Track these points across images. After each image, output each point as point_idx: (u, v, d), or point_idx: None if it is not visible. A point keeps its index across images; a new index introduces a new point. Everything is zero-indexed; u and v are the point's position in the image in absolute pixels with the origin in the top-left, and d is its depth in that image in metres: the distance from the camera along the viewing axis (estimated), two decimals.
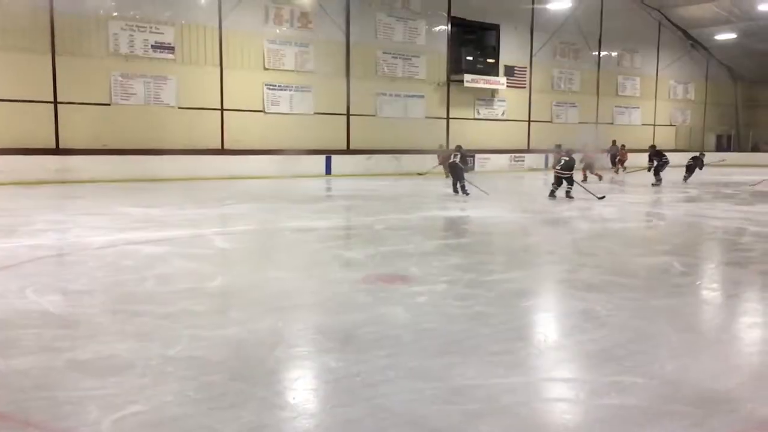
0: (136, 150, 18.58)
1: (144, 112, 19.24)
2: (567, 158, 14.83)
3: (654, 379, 3.93)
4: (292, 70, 21.86)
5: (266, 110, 21.59)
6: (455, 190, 15.54)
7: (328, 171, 22.07)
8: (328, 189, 17.14)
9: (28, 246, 8.08)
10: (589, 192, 15.07)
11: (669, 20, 32.43)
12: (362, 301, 5.75)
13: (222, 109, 20.73)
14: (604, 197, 14.61)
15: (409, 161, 23.50)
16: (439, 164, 20.28)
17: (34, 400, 3.48)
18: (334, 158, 22.32)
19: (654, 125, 33.79)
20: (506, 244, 9.68)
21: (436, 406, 3.53)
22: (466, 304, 5.69)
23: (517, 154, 27.56)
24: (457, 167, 15.49)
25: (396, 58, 24.22)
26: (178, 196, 14.53)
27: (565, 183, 14.73)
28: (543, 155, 27.13)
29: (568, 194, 14.78)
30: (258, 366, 4.10)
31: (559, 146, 19.72)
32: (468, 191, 15.40)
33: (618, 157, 25.01)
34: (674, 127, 34.93)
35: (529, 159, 27.68)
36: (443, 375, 3.97)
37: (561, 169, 14.81)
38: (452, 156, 15.85)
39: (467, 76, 25.48)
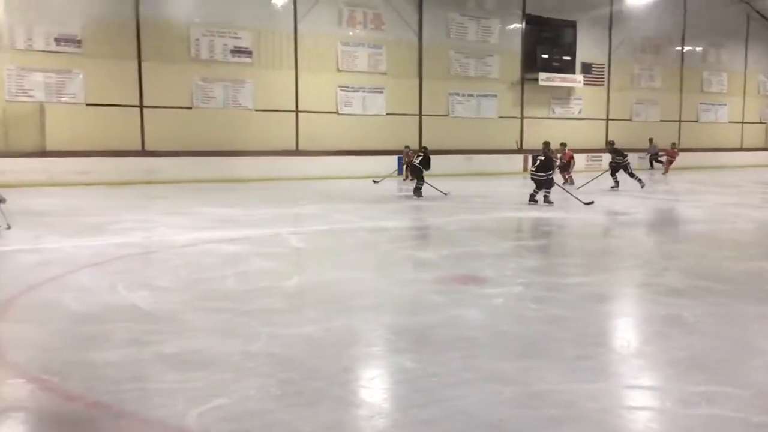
0: (215, 152, 19.21)
1: (223, 115, 19.88)
2: (542, 158, 13.23)
3: (747, 389, 3.73)
4: (365, 72, 22.06)
5: (339, 111, 21.87)
6: (418, 193, 14.84)
7: (400, 171, 22.12)
8: (400, 189, 17.16)
9: (117, 244, 8.49)
10: (574, 196, 13.75)
11: (758, 12, 30.74)
12: (436, 302, 5.73)
13: (297, 111, 21.15)
14: (592, 202, 13.24)
15: (481, 161, 23.29)
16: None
17: (126, 391, 3.65)
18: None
19: (742, 123, 32.12)
20: (584, 247, 9.42)
21: (514, 410, 3.48)
22: (543, 307, 5.58)
23: (594, 154, 26.80)
24: (416, 169, 15.03)
25: (469, 57, 24.03)
26: (255, 197, 14.92)
27: (543, 186, 13.18)
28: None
29: (546, 199, 13.10)
30: (334, 364, 4.16)
31: (547, 144, 18.65)
32: (421, 194, 14.78)
33: (660, 155, 23.48)
34: (764, 124, 33.10)
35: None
36: (521, 378, 3.90)
37: (536, 170, 13.28)
38: (415, 157, 15.40)
39: (542, 75, 24.98)
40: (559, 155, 14.20)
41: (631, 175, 17.23)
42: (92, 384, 3.72)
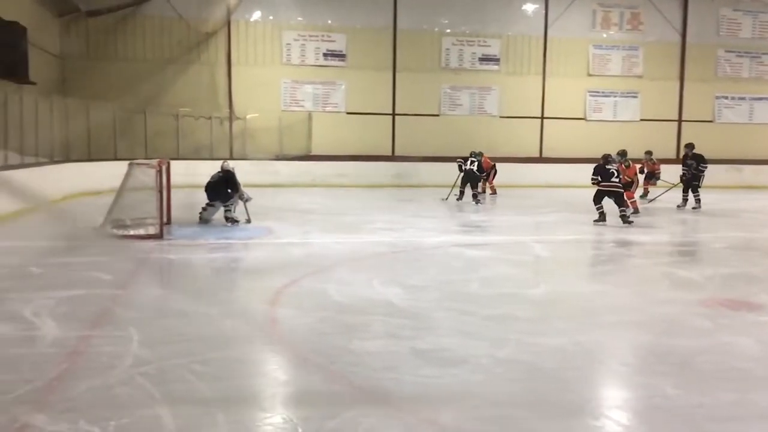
0: (459, 158, 19.65)
1: (468, 122, 20.32)
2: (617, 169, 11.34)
3: None
4: (618, 75, 20.94)
5: (587, 118, 21.05)
6: (461, 197, 14.66)
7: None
8: (652, 201, 15.92)
9: (371, 242, 9.13)
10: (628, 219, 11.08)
11: None
12: (700, 326, 5.21)
13: (542, 118, 20.82)
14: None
15: (754, 173, 20.67)
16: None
17: (384, 379, 3.90)
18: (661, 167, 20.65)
19: None
20: None
21: None
22: None
23: None
24: (474, 174, 14.53)
25: (741, 56, 21.49)
26: (497, 203, 14.98)
27: (614, 202, 11.07)
28: None
29: (625, 218, 10.95)
30: (586, 380, 4.01)
31: (649, 153, 15.79)
32: (480, 200, 14.61)
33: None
34: None
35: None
36: None
37: (619, 181, 11.12)
38: (469, 162, 14.59)
39: None
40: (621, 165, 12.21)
41: (694, 189, 13.89)
42: (354, 370, 4.03)
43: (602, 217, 11.11)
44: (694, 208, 13.79)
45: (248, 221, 10.39)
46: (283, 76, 19.38)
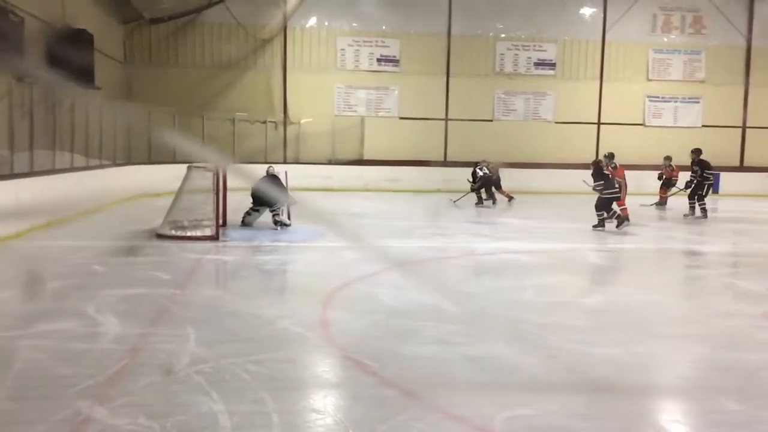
0: (512, 163, 19.42)
1: (522, 128, 20.09)
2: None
3: None
4: (679, 80, 20.36)
5: (646, 123, 20.53)
6: (481, 202, 15.32)
7: (715, 189, 19.84)
8: (714, 209, 15.40)
9: (423, 247, 9.11)
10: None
11: None
12: (765, 340, 5.01)
13: (599, 123, 20.40)
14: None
15: None
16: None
17: (435, 386, 3.88)
18: (723, 175, 19.94)
19: None
20: None
21: None
22: None
23: None
24: (490, 179, 15.39)
25: None
26: (552, 210, 14.74)
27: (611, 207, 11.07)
28: None
29: (620, 221, 10.88)
30: (643, 393, 3.90)
31: (668, 158, 15.18)
32: (495, 202, 15.48)
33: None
34: None
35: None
36: None
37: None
38: (482, 170, 15.40)
39: None
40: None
41: (700, 198, 13.13)
42: (405, 374, 4.03)
43: (602, 223, 11.06)
44: (697, 217, 13.09)
45: (289, 224, 10.55)
46: (337, 81, 19.57)
